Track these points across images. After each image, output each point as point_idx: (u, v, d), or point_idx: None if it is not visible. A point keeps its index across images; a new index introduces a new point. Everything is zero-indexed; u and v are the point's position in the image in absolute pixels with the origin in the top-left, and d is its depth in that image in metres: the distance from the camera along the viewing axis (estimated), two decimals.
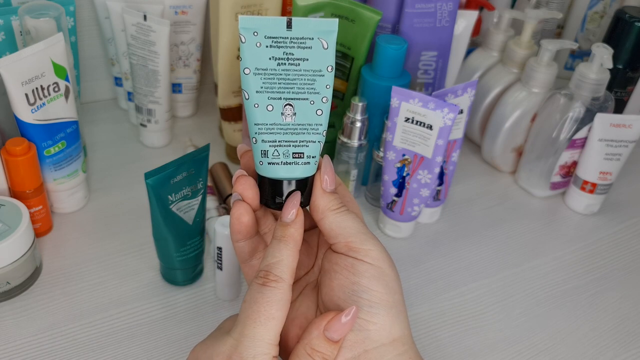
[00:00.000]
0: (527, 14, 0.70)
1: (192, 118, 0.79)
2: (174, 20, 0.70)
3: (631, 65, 0.75)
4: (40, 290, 0.52)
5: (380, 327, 0.34)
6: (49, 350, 0.47)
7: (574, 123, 0.65)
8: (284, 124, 0.35)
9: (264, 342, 0.33)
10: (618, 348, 0.53)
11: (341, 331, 0.33)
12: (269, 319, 0.33)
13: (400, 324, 0.35)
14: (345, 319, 0.33)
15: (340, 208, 0.36)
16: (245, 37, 0.34)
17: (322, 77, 0.34)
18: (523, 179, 0.72)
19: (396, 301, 0.35)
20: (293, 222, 0.35)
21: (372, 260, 0.35)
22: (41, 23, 0.54)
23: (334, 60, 0.35)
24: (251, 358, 0.32)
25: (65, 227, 0.59)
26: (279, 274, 0.33)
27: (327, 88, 0.35)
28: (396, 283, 0.35)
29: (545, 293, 0.58)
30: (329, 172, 0.36)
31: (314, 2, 0.60)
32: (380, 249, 0.35)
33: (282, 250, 0.34)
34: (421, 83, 0.68)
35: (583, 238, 0.66)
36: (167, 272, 0.53)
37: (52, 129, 0.55)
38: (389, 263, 0.35)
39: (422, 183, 0.58)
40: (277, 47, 0.34)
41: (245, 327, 0.33)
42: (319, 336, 0.34)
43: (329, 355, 0.33)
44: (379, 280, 0.34)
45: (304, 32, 0.34)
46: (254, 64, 0.34)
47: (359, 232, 0.35)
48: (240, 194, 0.36)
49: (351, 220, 0.35)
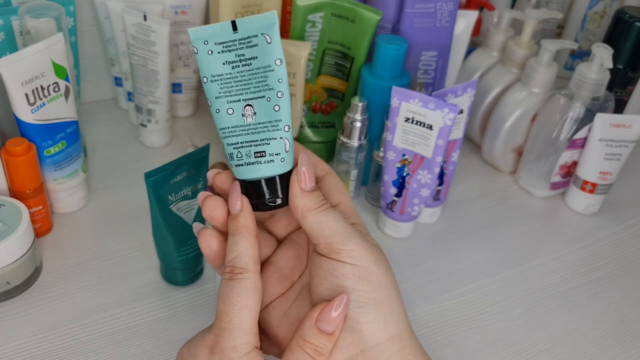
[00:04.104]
0: (527, 14, 0.70)
1: (192, 118, 0.79)
2: (174, 20, 0.70)
3: (631, 65, 0.75)
4: (40, 290, 0.52)
5: (374, 325, 0.34)
6: (49, 350, 0.47)
7: (574, 123, 0.65)
8: (245, 124, 0.35)
9: (241, 332, 0.33)
10: (618, 348, 0.53)
11: (333, 321, 0.33)
12: (242, 308, 0.33)
13: (395, 319, 0.34)
14: (335, 312, 0.33)
15: (321, 207, 0.35)
16: (197, 48, 0.34)
17: (272, 72, 0.34)
18: (523, 179, 0.72)
19: (385, 297, 0.34)
20: (241, 213, 0.35)
21: (355, 260, 0.34)
22: (41, 23, 0.54)
23: (281, 52, 0.34)
24: (231, 348, 0.33)
25: (65, 227, 0.59)
26: (243, 265, 0.34)
27: (280, 82, 0.34)
28: (385, 278, 0.34)
29: (545, 293, 0.58)
30: (307, 168, 0.35)
31: (314, 2, 0.60)
32: (363, 247, 0.34)
33: (238, 243, 0.34)
34: (421, 83, 0.68)
35: (583, 238, 0.66)
36: (167, 272, 0.53)
37: (52, 129, 0.55)
38: (373, 260, 0.34)
39: (422, 183, 0.58)
40: (229, 51, 0.34)
41: (221, 320, 0.34)
42: (311, 327, 0.33)
43: (321, 348, 0.33)
44: (364, 280, 0.34)
45: (248, 31, 0.34)
46: (209, 71, 0.35)
47: (340, 231, 0.34)
48: (209, 217, 0.36)
49: (332, 219, 0.34)
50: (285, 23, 0.69)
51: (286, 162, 0.35)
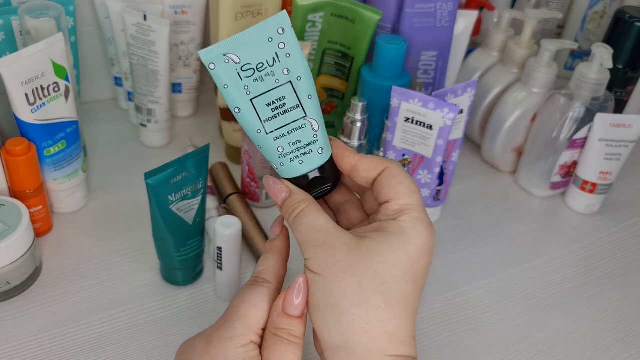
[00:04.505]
0: (527, 14, 0.70)
1: (192, 118, 0.79)
2: (174, 20, 0.70)
3: (631, 65, 0.75)
4: (40, 290, 0.52)
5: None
6: (49, 350, 0.47)
7: (574, 123, 0.65)
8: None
9: (244, 324, 0.34)
10: (618, 348, 0.53)
11: (298, 306, 0.34)
12: (253, 305, 0.35)
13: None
14: (297, 298, 0.34)
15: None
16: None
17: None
18: (523, 179, 0.72)
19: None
20: (278, 236, 0.38)
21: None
22: (41, 23, 0.54)
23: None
24: (228, 338, 0.34)
25: (65, 227, 0.59)
26: (266, 277, 0.36)
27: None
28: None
29: (545, 293, 0.58)
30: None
31: (314, 2, 0.60)
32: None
33: (268, 260, 0.37)
34: (421, 83, 0.68)
35: (583, 238, 0.66)
36: (167, 272, 0.53)
37: (52, 129, 0.55)
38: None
39: (422, 183, 0.58)
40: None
41: (227, 312, 0.35)
42: (279, 315, 0.34)
43: (294, 330, 0.34)
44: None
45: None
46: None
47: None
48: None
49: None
50: None
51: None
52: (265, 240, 0.57)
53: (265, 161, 0.60)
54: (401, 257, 0.33)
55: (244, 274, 0.56)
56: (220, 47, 0.33)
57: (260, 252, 0.56)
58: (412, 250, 0.33)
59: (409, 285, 0.33)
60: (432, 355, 0.51)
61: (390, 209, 0.35)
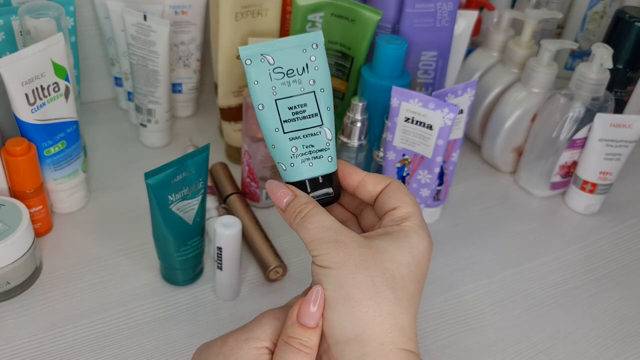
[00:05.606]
0: (527, 14, 0.70)
1: (192, 118, 0.79)
2: (174, 20, 0.70)
3: (631, 65, 0.75)
4: (40, 290, 0.52)
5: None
6: (49, 350, 0.47)
7: (574, 123, 0.65)
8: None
9: (262, 331, 0.35)
10: (618, 348, 0.53)
11: (313, 316, 0.34)
12: (275, 318, 0.35)
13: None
14: (313, 307, 0.34)
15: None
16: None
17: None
18: (523, 179, 0.72)
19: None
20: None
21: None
22: (41, 23, 0.54)
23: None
24: (244, 339, 0.34)
25: (65, 227, 0.59)
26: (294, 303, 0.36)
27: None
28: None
29: (545, 293, 0.58)
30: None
31: (314, 2, 0.60)
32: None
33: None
34: (421, 83, 0.68)
35: (583, 238, 0.66)
36: (167, 272, 0.53)
37: (52, 129, 0.55)
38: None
39: (422, 183, 0.58)
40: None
41: (250, 321, 0.36)
42: (293, 324, 0.34)
43: (306, 341, 0.34)
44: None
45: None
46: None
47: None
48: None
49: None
50: (285, 23, 0.69)
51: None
52: (265, 240, 0.57)
53: (265, 161, 0.60)
54: (407, 257, 0.34)
55: (243, 274, 0.56)
56: (260, 47, 0.36)
57: (260, 252, 0.56)
58: (416, 252, 0.35)
59: (413, 285, 0.34)
60: (432, 355, 0.51)
61: (396, 215, 0.36)
